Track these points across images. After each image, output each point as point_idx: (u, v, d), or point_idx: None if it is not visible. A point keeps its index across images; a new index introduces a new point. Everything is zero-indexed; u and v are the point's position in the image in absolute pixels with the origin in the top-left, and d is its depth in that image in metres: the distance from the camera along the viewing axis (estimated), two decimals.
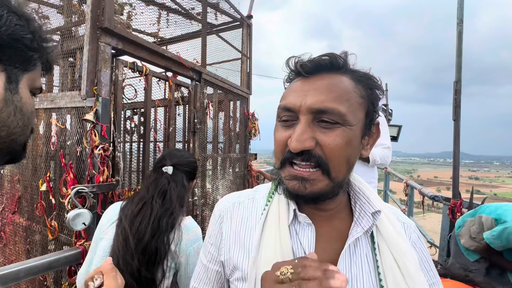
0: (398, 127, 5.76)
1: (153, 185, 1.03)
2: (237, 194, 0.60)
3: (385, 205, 0.55)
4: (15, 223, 1.60)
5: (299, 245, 0.49)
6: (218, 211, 0.58)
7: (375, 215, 0.49)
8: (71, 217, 1.11)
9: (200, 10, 2.14)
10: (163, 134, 1.89)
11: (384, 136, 2.03)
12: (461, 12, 1.87)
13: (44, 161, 1.45)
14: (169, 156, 1.11)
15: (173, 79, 1.78)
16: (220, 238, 0.55)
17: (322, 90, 0.45)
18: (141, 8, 1.67)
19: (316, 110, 0.44)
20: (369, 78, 0.48)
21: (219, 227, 0.56)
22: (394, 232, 0.49)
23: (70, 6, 1.40)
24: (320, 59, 0.46)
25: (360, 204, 0.51)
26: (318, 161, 0.44)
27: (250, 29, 2.73)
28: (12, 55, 0.39)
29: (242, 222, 0.55)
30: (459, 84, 1.89)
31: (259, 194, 0.58)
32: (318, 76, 0.46)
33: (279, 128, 0.48)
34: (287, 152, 0.46)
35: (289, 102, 0.46)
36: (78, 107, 1.30)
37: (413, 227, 0.55)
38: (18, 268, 1.01)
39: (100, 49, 1.26)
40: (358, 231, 0.48)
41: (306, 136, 0.43)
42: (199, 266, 0.60)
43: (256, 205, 0.56)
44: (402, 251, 0.47)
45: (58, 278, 1.38)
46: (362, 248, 0.49)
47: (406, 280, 0.45)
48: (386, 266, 0.46)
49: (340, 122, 0.44)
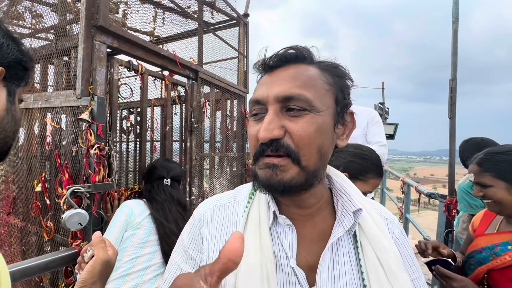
0: (395, 125, 5.80)
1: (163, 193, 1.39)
2: (218, 197, 0.58)
3: (368, 202, 0.54)
4: (10, 224, 1.58)
5: (280, 247, 0.47)
6: (198, 215, 0.55)
7: (356, 213, 0.47)
8: (67, 217, 1.10)
9: (196, 8, 2.13)
10: (159, 133, 1.88)
11: (380, 134, 2.05)
12: (457, 10, 1.88)
13: (39, 161, 1.44)
14: (165, 169, 1.44)
15: (169, 78, 1.77)
16: (201, 243, 0.52)
17: (287, 79, 0.45)
18: (137, 7, 1.65)
19: (282, 97, 0.44)
20: (335, 66, 0.49)
21: (198, 231, 0.53)
22: (377, 230, 0.49)
23: (64, 4, 1.38)
24: (285, 52, 0.47)
25: (342, 202, 0.50)
26: (287, 150, 0.43)
27: (246, 28, 2.72)
28: (13, 74, 0.48)
29: (222, 227, 0.52)
30: (454, 82, 1.90)
31: (240, 196, 0.56)
32: (285, 68, 0.47)
33: (252, 123, 0.48)
34: (259, 145, 0.45)
35: (257, 95, 0.47)
36: (73, 107, 1.28)
37: (396, 223, 0.56)
38: (14, 269, 1.00)
39: (95, 48, 1.25)
40: (340, 231, 0.47)
41: (273, 125, 0.43)
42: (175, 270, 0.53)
43: (237, 208, 0.54)
44: (384, 249, 0.47)
45: (54, 279, 1.37)
46: (345, 248, 0.48)
47: (389, 278, 0.45)
48: (369, 265, 0.46)
49: (308, 109, 0.43)
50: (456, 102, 1.92)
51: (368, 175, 1.02)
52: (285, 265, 0.46)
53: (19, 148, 1.59)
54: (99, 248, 0.64)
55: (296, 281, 0.45)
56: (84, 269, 0.61)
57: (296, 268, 0.46)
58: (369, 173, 1.02)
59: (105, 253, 0.63)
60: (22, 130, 1.55)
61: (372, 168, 1.03)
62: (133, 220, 1.24)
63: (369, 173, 1.02)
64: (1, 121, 0.46)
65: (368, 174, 1.02)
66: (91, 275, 0.60)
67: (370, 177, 1.02)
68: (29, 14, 1.61)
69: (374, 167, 1.03)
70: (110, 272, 0.65)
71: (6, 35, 0.46)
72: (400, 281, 0.45)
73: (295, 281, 0.45)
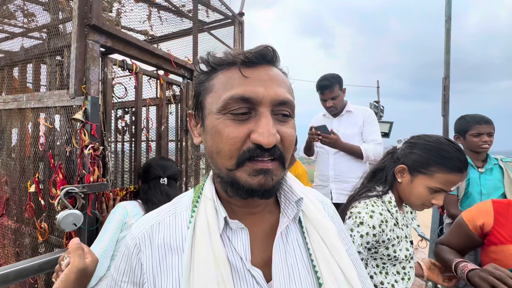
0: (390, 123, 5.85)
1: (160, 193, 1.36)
2: (154, 214, 0.52)
3: (306, 189, 0.58)
4: (4, 225, 1.56)
5: (234, 252, 0.46)
6: (132, 240, 0.48)
7: (298, 202, 0.49)
8: (61, 218, 1.09)
9: (191, 7, 2.12)
10: (155, 133, 1.87)
11: (376, 132, 2.08)
12: (449, 10, 1.90)
13: (33, 162, 1.42)
14: (162, 168, 1.41)
15: (164, 77, 1.76)
16: (140, 272, 0.46)
17: (278, 82, 0.44)
18: (130, 5, 1.64)
19: (279, 101, 0.43)
20: (286, 73, 0.50)
21: (136, 258, 0.46)
22: (317, 213, 0.53)
23: (57, 3, 1.37)
24: (267, 50, 0.44)
25: (284, 194, 0.51)
26: (280, 154, 0.43)
27: (242, 27, 2.72)
28: None
29: (165, 244, 0.46)
30: (447, 80, 1.93)
31: (181, 207, 0.51)
32: (265, 67, 0.45)
33: (228, 122, 0.42)
34: (249, 150, 0.41)
35: (247, 92, 0.41)
36: (66, 106, 1.27)
37: (329, 204, 0.62)
38: (7, 271, 0.99)
39: (88, 47, 1.24)
40: (285, 221, 0.49)
41: (275, 130, 0.41)
42: None
43: (180, 221, 0.49)
44: (325, 228, 0.51)
45: (49, 281, 1.36)
46: (293, 236, 0.51)
47: (331, 253, 0.49)
48: (315, 246, 0.49)
49: (291, 115, 0.46)
50: (449, 100, 1.95)
51: (432, 168, 0.90)
52: (241, 269, 0.45)
53: (12, 149, 1.57)
54: (75, 256, 0.59)
55: (254, 282, 0.45)
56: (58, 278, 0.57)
57: (252, 269, 0.45)
58: (432, 166, 0.90)
59: (81, 261, 0.59)
60: (15, 131, 1.53)
61: (437, 161, 0.89)
62: (128, 220, 1.23)
63: (433, 166, 0.89)
64: None
65: (432, 167, 0.90)
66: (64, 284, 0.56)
67: (435, 170, 0.89)
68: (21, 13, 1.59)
69: (441, 159, 0.88)
70: (87, 281, 0.60)
71: None
72: (340, 253, 0.49)
73: (253, 283, 0.45)
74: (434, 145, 0.92)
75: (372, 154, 1.98)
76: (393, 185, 1.00)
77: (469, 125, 1.77)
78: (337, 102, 2.09)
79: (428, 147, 0.93)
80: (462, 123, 1.82)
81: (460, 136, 1.84)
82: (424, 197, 0.92)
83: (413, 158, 0.95)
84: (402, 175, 0.97)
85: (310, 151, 2.27)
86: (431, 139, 0.95)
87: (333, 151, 2.12)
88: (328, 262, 0.48)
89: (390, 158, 1.05)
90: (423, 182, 0.91)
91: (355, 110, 2.15)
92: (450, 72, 1.94)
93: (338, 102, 2.09)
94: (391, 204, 0.97)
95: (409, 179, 0.95)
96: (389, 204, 0.97)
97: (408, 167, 0.95)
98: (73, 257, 0.59)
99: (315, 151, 2.28)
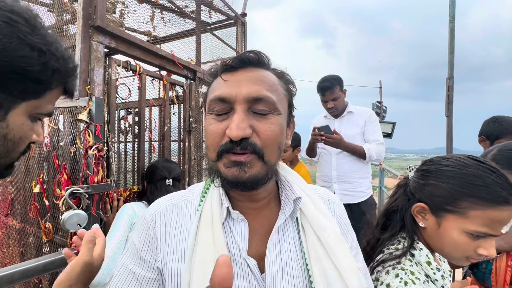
0: (392, 124, 5.82)
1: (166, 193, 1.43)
2: (170, 196, 0.58)
3: (309, 188, 0.59)
4: (8, 225, 1.57)
5: (233, 241, 0.50)
6: (149, 216, 0.54)
7: (296, 201, 0.52)
8: (66, 218, 1.10)
9: (193, 8, 2.12)
10: (158, 133, 1.87)
11: (378, 133, 2.08)
12: (453, 9, 1.89)
13: (37, 163, 1.43)
14: (167, 170, 1.46)
15: (167, 78, 1.77)
16: (156, 244, 0.52)
17: (254, 81, 0.48)
18: (134, 6, 1.65)
19: (253, 98, 0.46)
20: (286, 74, 0.54)
21: (153, 232, 0.52)
22: (316, 212, 0.54)
23: (61, 4, 1.38)
24: (248, 55, 0.49)
25: (285, 193, 0.54)
26: (253, 148, 0.46)
27: (244, 27, 2.72)
28: (7, 84, 0.38)
29: (176, 226, 0.53)
30: (451, 80, 1.91)
31: (193, 195, 0.57)
32: (247, 70, 0.49)
33: (212, 121, 0.49)
34: (225, 143, 0.46)
35: (223, 93, 0.47)
36: (71, 107, 1.28)
37: (337, 202, 0.61)
38: (13, 270, 0.99)
39: (92, 48, 1.25)
40: (281, 218, 0.52)
41: (245, 124, 0.45)
42: (126, 275, 0.52)
43: (190, 207, 0.55)
44: (322, 227, 0.52)
45: (53, 281, 1.36)
46: (290, 233, 0.53)
47: (328, 252, 0.49)
48: (309, 244, 0.51)
49: (272, 111, 0.48)
50: (453, 100, 1.93)
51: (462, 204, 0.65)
52: (238, 257, 0.49)
53: None
54: (85, 249, 0.58)
55: (249, 270, 0.49)
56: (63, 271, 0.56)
57: (247, 259, 0.49)
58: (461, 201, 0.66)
59: (89, 255, 0.57)
60: None
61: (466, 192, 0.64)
62: (137, 221, 1.26)
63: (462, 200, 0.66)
64: None
65: (461, 203, 0.66)
66: (68, 276, 0.54)
67: (467, 206, 0.64)
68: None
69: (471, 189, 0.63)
70: (91, 277, 0.59)
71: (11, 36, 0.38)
72: (336, 253, 0.49)
73: (247, 271, 0.49)
74: (457, 170, 0.66)
75: (375, 154, 1.99)
76: (416, 231, 0.72)
77: (504, 132, 1.48)
78: (338, 103, 2.09)
79: (448, 173, 0.67)
80: (496, 128, 1.53)
81: (488, 140, 1.58)
82: (464, 247, 0.64)
83: (431, 192, 0.68)
84: (424, 217, 0.70)
85: (313, 153, 2.26)
86: (451, 161, 0.69)
87: (335, 152, 2.11)
88: (321, 262, 0.49)
89: (402, 193, 0.76)
90: (455, 226, 0.64)
91: (356, 111, 2.15)
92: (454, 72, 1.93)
93: (339, 103, 2.09)
94: (431, 266, 0.66)
95: (434, 222, 0.68)
96: (429, 267, 0.66)
97: (428, 205, 0.68)
98: (82, 250, 0.58)
99: (317, 152, 2.28)
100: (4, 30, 0.37)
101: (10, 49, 0.37)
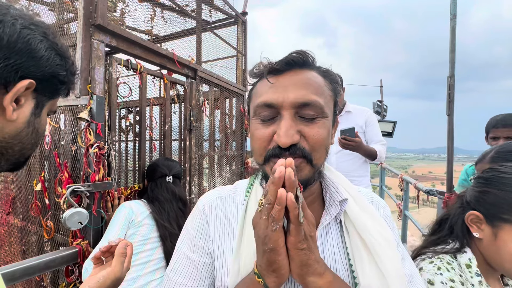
0: (393, 123, 5.81)
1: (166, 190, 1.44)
2: (219, 190, 0.61)
3: (356, 189, 0.58)
4: (10, 224, 1.58)
5: None
6: (202, 205, 0.59)
7: (342, 203, 0.52)
8: (67, 216, 1.10)
9: (194, 7, 2.12)
10: (158, 132, 1.88)
11: (379, 133, 2.10)
12: (454, 8, 1.88)
13: (38, 161, 1.43)
14: (167, 168, 1.48)
15: (168, 77, 1.77)
16: (207, 230, 0.56)
17: (301, 85, 0.47)
18: (135, 5, 1.65)
19: (299, 104, 0.46)
20: (332, 73, 0.53)
21: (205, 219, 0.57)
22: (361, 214, 0.53)
23: (62, 3, 1.38)
24: (293, 56, 0.48)
25: (330, 193, 0.54)
26: (302, 152, 0.46)
27: (245, 26, 2.72)
28: (46, 87, 0.47)
29: (225, 218, 0.56)
30: (452, 79, 1.91)
31: (239, 190, 0.60)
32: (292, 72, 0.49)
33: (259, 125, 0.49)
34: (273, 148, 0.47)
35: (270, 98, 0.47)
36: (72, 106, 1.28)
37: (382, 204, 0.61)
38: (14, 268, 1.00)
39: (93, 47, 1.25)
40: (327, 219, 0.52)
41: (293, 131, 0.45)
42: (183, 260, 0.55)
43: (237, 201, 0.58)
44: (368, 231, 0.50)
45: (55, 278, 1.37)
46: (333, 234, 0.53)
47: (373, 257, 0.48)
48: (354, 248, 0.50)
49: (320, 115, 0.47)
50: (454, 99, 1.92)
51: None
52: None
53: None
54: (118, 262, 0.61)
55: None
56: (94, 277, 0.58)
57: None
58: None
59: (121, 269, 0.61)
60: None
61: None
62: (135, 218, 1.27)
63: None
64: (19, 133, 0.45)
65: None
66: (100, 286, 0.58)
67: None
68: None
69: None
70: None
71: (51, 48, 0.47)
72: (381, 257, 0.47)
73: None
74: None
75: (384, 155, 2.03)
76: (470, 242, 0.69)
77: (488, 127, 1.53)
78: None
79: (506, 180, 0.63)
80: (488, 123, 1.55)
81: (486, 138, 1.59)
82: None
83: (486, 200, 0.65)
84: (479, 227, 0.66)
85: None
86: (510, 169, 0.65)
87: (335, 151, 2.11)
88: (365, 265, 0.48)
89: (459, 203, 0.74)
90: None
91: (354, 110, 2.15)
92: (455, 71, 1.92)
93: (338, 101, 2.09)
94: (470, 269, 0.64)
95: (490, 233, 0.64)
96: (467, 270, 0.64)
97: (483, 214, 0.65)
98: (115, 263, 0.61)
99: None
100: (46, 44, 0.46)
101: (51, 59, 0.46)
